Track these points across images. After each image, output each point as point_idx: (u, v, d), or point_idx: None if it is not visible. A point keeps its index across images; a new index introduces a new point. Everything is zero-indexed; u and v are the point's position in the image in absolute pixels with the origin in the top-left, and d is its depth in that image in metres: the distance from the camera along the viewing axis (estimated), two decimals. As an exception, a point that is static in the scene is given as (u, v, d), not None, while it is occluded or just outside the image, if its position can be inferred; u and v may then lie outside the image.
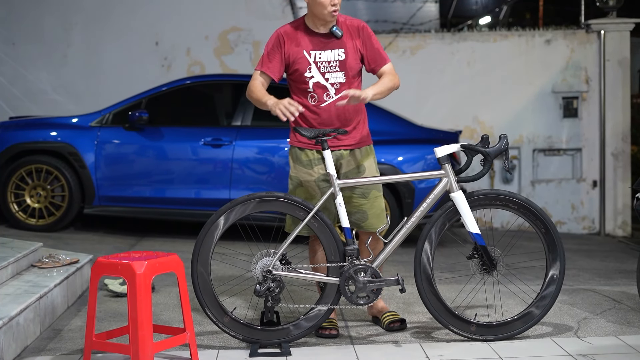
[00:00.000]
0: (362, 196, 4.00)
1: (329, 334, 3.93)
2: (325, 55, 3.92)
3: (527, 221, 3.89)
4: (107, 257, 3.44)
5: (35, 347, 3.77)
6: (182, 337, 3.46)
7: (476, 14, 13.40)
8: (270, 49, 3.94)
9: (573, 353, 3.64)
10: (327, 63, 3.91)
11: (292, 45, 3.92)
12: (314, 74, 3.92)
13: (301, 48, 3.91)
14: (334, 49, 3.92)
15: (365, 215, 4.02)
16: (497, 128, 8.89)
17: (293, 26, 3.97)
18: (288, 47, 3.92)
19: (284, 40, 3.93)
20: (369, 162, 4.06)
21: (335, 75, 3.93)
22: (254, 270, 3.71)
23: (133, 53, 8.98)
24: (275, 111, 3.75)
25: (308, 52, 3.91)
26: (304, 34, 3.93)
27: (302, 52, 3.91)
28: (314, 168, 3.99)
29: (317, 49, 3.92)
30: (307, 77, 3.92)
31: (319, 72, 3.92)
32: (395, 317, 4.09)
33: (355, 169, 4.02)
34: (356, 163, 4.03)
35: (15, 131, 7.09)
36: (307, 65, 3.91)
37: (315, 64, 3.91)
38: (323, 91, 3.93)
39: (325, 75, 3.92)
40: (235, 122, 6.89)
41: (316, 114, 3.95)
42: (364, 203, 4.01)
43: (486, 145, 3.81)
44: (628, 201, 8.93)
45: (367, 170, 4.03)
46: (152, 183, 6.83)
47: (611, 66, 8.95)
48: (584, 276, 5.76)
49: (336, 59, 3.92)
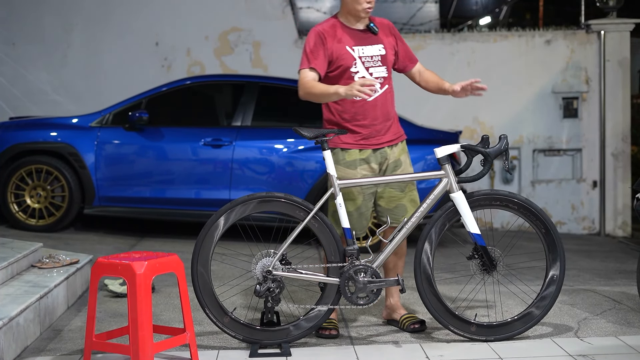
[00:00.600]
0: (400, 190, 4.04)
1: (329, 334, 3.93)
2: (368, 50, 3.96)
3: (527, 221, 3.89)
4: (107, 257, 3.44)
5: (35, 348, 3.77)
6: (182, 338, 3.47)
7: (476, 14, 13.41)
8: (313, 47, 3.92)
9: (573, 353, 3.64)
10: (370, 58, 3.96)
11: (334, 42, 3.93)
12: (359, 69, 3.95)
13: (343, 44, 3.93)
14: (374, 44, 3.98)
15: (404, 209, 4.05)
16: (497, 128, 8.89)
17: (328, 24, 3.99)
18: (330, 44, 3.92)
19: (325, 37, 3.93)
20: (404, 156, 4.10)
21: (378, 70, 3.97)
22: (254, 270, 3.71)
23: (133, 53, 8.98)
24: (354, 94, 3.67)
25: (351, 48, 3.94)
26: (342, 31, 3.96)
27: (345, 47, 3.93)
28: (357, 168, 3.99)
29: (359, 45, 3.96)
30: (353, 72, 3.94)
31: (363, 67, 3.95)
32: (414, 319, 4.08)
33: (393, 164, 4.05)
34: (394, 158, 4.05)
35: (15, 131, 7.09)
36: (353, 61, 3.93)
37: (360, 58, 3.94)
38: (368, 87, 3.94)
39: (370, 70, 3.96)
40: (235, 123, 6.89)
41: (363, 108, 3.96)
42: (402, 197, 4.05)
43: (486, 146, 3.81)
44: (628, 201, 8.93)
45: (403, 165, 4.07)
46: (152, 183, 6.83)
47: (611, 66, 8.95)
48: (584, 276, 5.76)
49: (378, 53, 3.98)
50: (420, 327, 4.03)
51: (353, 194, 3.97)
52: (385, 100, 4.00)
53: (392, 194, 4.04)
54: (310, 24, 9.86)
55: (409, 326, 4.04)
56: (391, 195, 4.04)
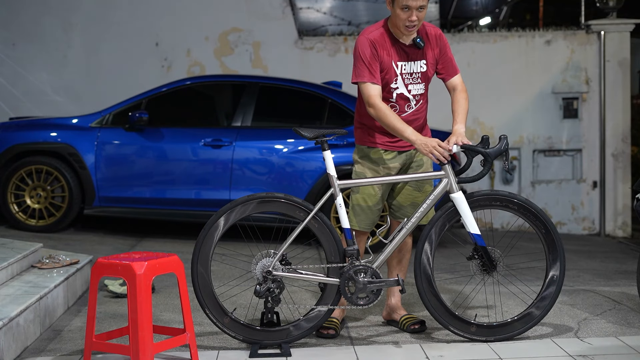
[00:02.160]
0: (417, 189, 4.06)
1: (327, 334, 3.93)
2: (409, 67, 3.90)
3: (527, 222, 3.89)
4: (107, 257, 3.44)
5: (35, 348, 3.77)
6: (182, 338, 3.47)
7: (476, 14, 13.40)
8: (370, 58, 3.82)
9: (573, 354, 3.64)
10: (409, 75, 3.91)
11: (384, 54, 3.86)
12: (399, 85, 3.91)
13: (391, 58, 3.87)
14: (417, 60, 3.91)
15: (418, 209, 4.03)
16: (497, 129, 8.90)
17: (379, 33, 3.87)
18: (381, 55, 3.85)
19: (377, 48, 3.84)
20: (426, 157, 4.07)
21: (417, 87, 3.94)
22: (254, 270, 3.71)
23: (133, 54, 8.98)
24: (425, 153, 3.73)
25: (396, 63, 3.88)
26: (391, 44, 3.87)
27: (392, 62, 3.87)
28: (380, 166, 4.00)
29: (403, 60, 3.89)
30: (393, 88, 3.90)
31: (403, 84, 3.91)
32: (414, 320, 4.08)
33: (415, 163, 4.07)
34: (416, 158, 4.07)
35: (15, 132, 7.09)
36: (395, 77, 3.89)
37: (401, 75, 3.89)
38: (405, 102, 3.93)
39: (408, 87, 3.92)
40: (236, 123, 6.89)
41: None
42: (419, 195, 4.06)
43: (486, 146, 3.81)
44: (628, 202, 8.93)
45: (425, 165, 4.07)
46: (153, 184, 6.83)
47: (611, 67, 8.95)
48: (584, 277, 5.76)
49: (418, 70, 3.92)
50: (420, 327, 4.03)
51: (374, 190, 3.98)
52: (419, 115, 4.01)
53: (409, 192, 4.07)
54: (311, 24, 9.87)
55: (409, 327, 4.04)
56: (409, 193, 4.07)
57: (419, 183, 4.06)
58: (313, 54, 8.92)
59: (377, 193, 4.00)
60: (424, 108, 4.07)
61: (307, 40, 9.00)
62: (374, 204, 3.99)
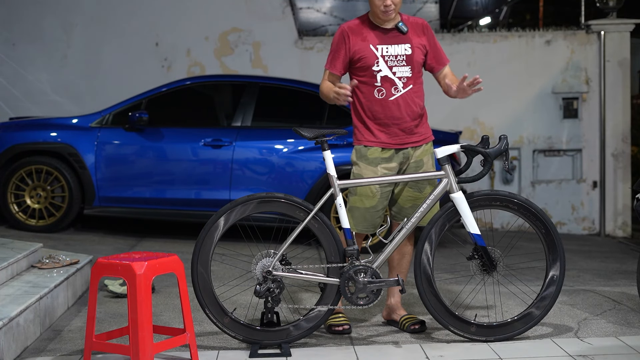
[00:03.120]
0: (417, 190, 4.05)
1: (342, 330, 3.97)
2: (392, 50, 3.97)
3: (527, 222, 3.89)
4: (107, 257, 3.44)
5: (35, 348, 3.77)
6: (182, 338, 3.47)
7: (476, 14, 13.41)
8: (335, 46, 4.01)
9: (573, 354, 3.64)
10: (394, 57, 3.96)
11: (358, 40, 3.96)
12: (382, 68, 3.96)
13: (367, 42, 3.96)
14: (401, 43, 3.98)
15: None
16: (497, 129, 8.89)
17: (357, 22, 4.03)
18: (353, 42, 3.96)
19: (349, 35, 3.97)
20: (427, 157, 4.08)
21: (402, 70, 3.97)
22: (254, 270, 3.71)
23: (133, 54, 8.98)
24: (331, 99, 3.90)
25: (375, 47, 3.96)
26: (369, 29, 3.98)
27: (369, 46, 3.95)
28: (377, 166, 4.00)
29: (383, 43, 3.97)
30: (375, 71, 3.95)
31: (386, 66, 3.96)
32: (414, 320, 4.08)
33: (414, 163, 4.05)
34: (416, 158, 4.05)
35: (15, 132, 7.09)
36: (375, 59, 3.95)
37: (383, 57, 3.95)
38: (391, 85, 3.96)
39: (393, 69, 3.96)
40: (235, 123, 6.89)
41: (384, 107, 3.97)
42: (419, 197, 4.04)
43: (486, 146, 3.81)
44: (628, 202, 8.93)
45: (425, 166, 4.06)
46: (153, 184, 6.83)
47: (611, 67, 8.95)
48: (584, 277, 5.76)
49: (403, 53, 3.97)
50: (420, 327, 4.03)
51: (372, 191, 3.98)
52: (409, 100, 4.00)
53: (409, 194, 4.06)
54: (310, 24, 9.87)
55: (409, 327, 4.04)
56: (409, 195, 4.06)
57: (420, 184, 4.04)
58: (313, 54, 8.92)
59: (375, 194, 3.98)
60: (418, 95, 4.05)
61: (307, 40, 9.00)
62: (372, 206, 3.98)
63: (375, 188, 3.98)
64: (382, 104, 3.97)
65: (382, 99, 3.96)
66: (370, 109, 3.99)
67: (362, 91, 4.01)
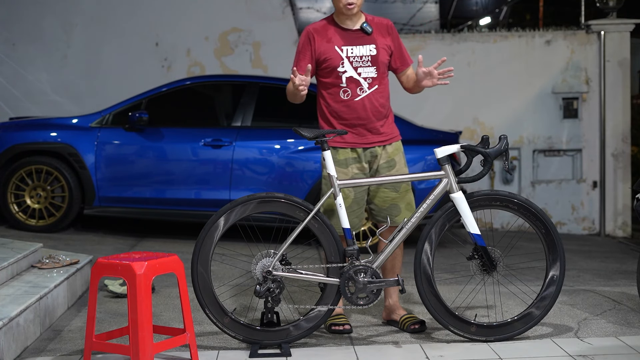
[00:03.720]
0: (393, 190, 4.05)
1: (343, 330, 3.98)
2: (357, 50, 3.98)
3: (527, 222, 3.89)
4: (107, 257, 3.44)
5: (35, 348, 3.77)
6: (182, 338, 3.47)
7: (476, 14, 13.41)
8: (301, 48, 4.04)
9: (573, 354, 3.64)
10: (359, 58, 3.97)
11: (323, 42, 3.99)
12: (347, 69, 3.97)
13: (332, 44, 3.98)
14: (365, 44, 3.99)
15: (399, 209, 4.06)
16: (497, 129, 8.89)
17: (323, 23, 4.05)
18: (319, 44, 3.99)
19: (314, 37, 4.00)
20: (399, 157, 4.10)
21: (367, 70, 3.98)
22: (254, 270, 3.71)
23: (133, 54, 8.98)
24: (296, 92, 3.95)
25: (340, 48, 3.97)
26: (334, 31, 4.00)
27: (334, 47, 3.97)
28: (348, 167, 4.01)
29: (348, 45, 3.98)
30: (340, 72, 3.97)
31: (351, 67, 3.97)
32: (414, 319, 4.08)
33: (386, 163, 4.06)
34: (387, 158, 4.06)
35: (15, 132, 7.09)
36: (340, 60, 3.97)
37: (348, 58, 3.97)
38: (356, 86, 3.98)
39: (358, 70, 3.98)
40: (235, 123, 6.89)
41: (350, 107, 3.99)
42: (396, 197, 4.05)
43: (486, 146, 3.81)
44: (628, 202, 8.93)
45: (397, 165, 4.07)
46: (153, 184, 6.83)
47: (611, 67, 8.95)
48: (584, 277, 5.76)
49: (368, 53, 3.98)
50: (420, 327, 4.03)
51: (344, 192, 3.99)
52: (375, 100, 4.01)
53: (386, 194, 4.06)
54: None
55: (409, 326, 4.04)
56: (385, 195, 4.06)
57: (395, 184, 4.05)
58: (313, 54, 8.92)
59: (348, 196, 4.00)
60: (383, 95, 4.05)
61: (307, 40, 8.99)
62: (346, 207, 3.97)
63: (349, 189, 3.99)
64: (347, 105, 4.00)
65: (347, 100, 3.99)
66: (337, 109, 4.02)
67: (329, 92, 4.03)
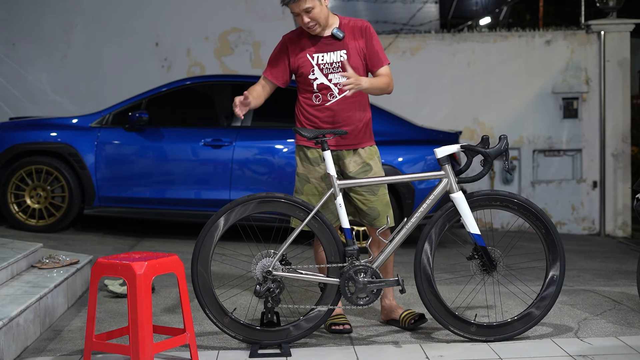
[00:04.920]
0: (372, 193, 4.07)
1: (343, 329, 3.99)
2: (328, 57, 4.00)
3: (527, 222, 3.89)
4: (107, 257, 3.44)
5: (35, 348, 3.77)
6: (182, 338, 3.47)
7: (476, 14, 13.40)
8: (275, 55, 4.10)
9: (573, 354, 3.64)
10: (329, 65, 3.99)
11: (297, 50, 4.03)
12: (317, 76, 4.01)
13: (305, 52, 4.02)
14: (336, 50, 4.00)
15: (377, 212, 4.08)
16: (497, 129, 8.90)
17: (297, 32, 4.09)
18: (292, 52, 4.04)
19: (288, 46, 4.05)
20: (374, 161, 4.11)
21: (338, 76, 3.99)
22: (254, 270, 3.71)
23: (133, 54, 8.98)
24: None
25: (311, 55, 4.01)
26: (307, 39, 4.03)
27: (306, 55, 4.01)
28: (320, 165, 4.03)
29: (319, 52, 4.01)
30: (312, 79, 4.01)
31: (322, 74, 4.00)
32: (414, 314, 4.10)
33: (361, 168, 4.06)
34: (362, 162, 4.07)
35: (15, 132, 7.08)
36: (311, 68, 4.00)
37: (318, 66, 4.00)
38: (327, 91, 4.01)
39: (329, 77, 4.00)
40: (235, 123, 6.89)
41: (321, 112, 4.03)
42: (375, 200, 4.07)
43: (486, 146, 3.81)
44: (628, 202, 8.93)
45: (373, 169, 4.08)
46: (153, 184, 6.83)
47: (611, 67, 8.95)
48: (584, 277, 5.76)
49: (338, 60, 3.99)
50: (420, 319, 4.05)
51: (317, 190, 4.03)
52: (345, 106, 4.02)
53: (365, 197, 4.07)
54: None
55: (410, 321, 4.05)
56: (364, 197, 4.08)
57: (374, 187, 4.06)
58: (313, 54, 8.92)
59: (321, 193, 4.03)
60: (353, 102, 4.03)
61: (307, 40, 8.99)
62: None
63: (322, 187, 4.02)
64: (319, 109, 4.03)
65: (319, 105, 4.03)
66: (309, 113, 4.05)
67: (303, 96, 4.09)
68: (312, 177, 4.05)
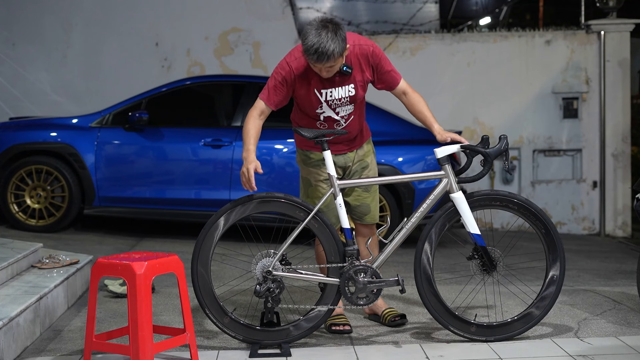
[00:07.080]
0: (366, 190, 4.08)
1: (343, 330, 4.00)
2: (336, 93, 3.87)
3: (527, 222, 3.89)
4: (107, 257, 3.44)
5: (35, 348, 3.77)
6: (182, 338, 3.47)
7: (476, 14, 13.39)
8: (278, 84, 3.85)
9: (573, 354, 3.64)
10: (338, 100, 3.88)
11: (304, 84, 3.84)
12: (325, 110, 3.91)
13: (312, 87, 3.85)
14: (345, 85, 3.86)
15: (369, 208, 4.10)
16: (497, 129, 8.90)
17: (302, 64, 3.82)
18: (298, 86, 3.85)
19: (294, 77, 3.83)
20: (370, 157, 4.12)
21: (345, 109, 3.93)
22: (254, 270, 3.71)
23: (133, 54, 8.98)
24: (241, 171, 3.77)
25: (319, 91, 3.86)
26: (313, 73, 3.82)
27: (313, 90, 3.85)
28: (322, 168, 4.02)
29: (327, 88, 3.85)
30: (319, 112, 3.92)
31: (330, 108, 3.91)
32: (395, 313, 4.14)
33: (358, 165, 4.08)
34: (359, 159, 4.08)
35: (15, 132, 7.09)
36: (319, 104, 3.88)
37: (327, 102, 3.88)
38: (333, 122, 3.94)
39: (336, 110, 3.92)
40: (235, 123, 6.89)
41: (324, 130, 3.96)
42: (367, 196, 4.09)
43: (486, 146, 3.81)
44: (628, 202, 8.93)
45: (370, 165, 4.10)
46: (152, 184, 6.83)
47: (611, 67, 8.95)
48: (584, 277, 5.76)
49: (347, 95, 3.88)
50: (400, 320, 4.10)
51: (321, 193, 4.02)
52: (349, 127, 3.98)
53: (358, 194, 4.08)
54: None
55: (391, 320, 4.11)
56: (358, 194, 4.08)
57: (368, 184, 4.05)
58: (313, 54, 8.91)
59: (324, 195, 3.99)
60: (357, 121, 4.01)
61: (307, 40, 8.98)
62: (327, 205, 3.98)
63: (325, 190, 4.01)
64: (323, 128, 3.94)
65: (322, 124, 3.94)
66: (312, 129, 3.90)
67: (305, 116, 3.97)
68: (315, 180, 4.05)
